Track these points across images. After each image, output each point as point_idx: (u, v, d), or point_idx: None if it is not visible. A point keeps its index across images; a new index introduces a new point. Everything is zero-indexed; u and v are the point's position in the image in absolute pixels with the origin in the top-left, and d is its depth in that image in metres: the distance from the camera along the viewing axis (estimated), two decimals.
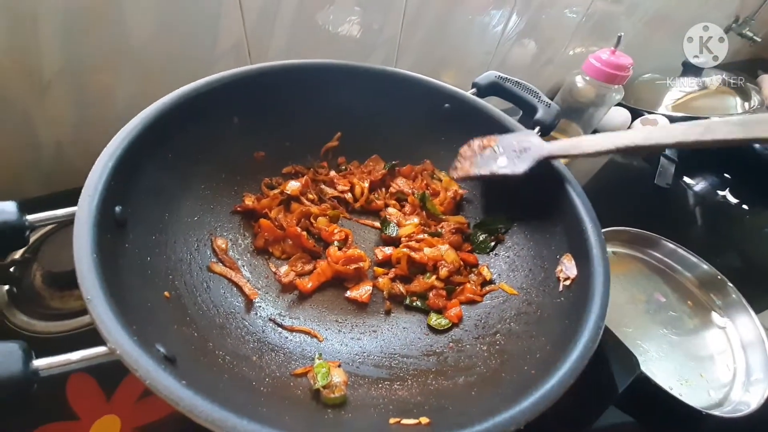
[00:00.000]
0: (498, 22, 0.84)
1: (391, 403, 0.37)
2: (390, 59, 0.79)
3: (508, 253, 0.53)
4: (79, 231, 0.30)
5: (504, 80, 0.57)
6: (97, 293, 0.27)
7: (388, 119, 0.59)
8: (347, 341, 0.45)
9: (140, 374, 0.24)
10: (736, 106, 0.96)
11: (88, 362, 0.26)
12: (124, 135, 0.38)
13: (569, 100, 0.83)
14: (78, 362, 0.26)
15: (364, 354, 0.44)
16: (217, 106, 0.49)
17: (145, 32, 0.55)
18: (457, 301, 0.49)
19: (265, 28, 0.63)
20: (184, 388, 0.24)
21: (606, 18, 0.97)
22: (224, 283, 0.46)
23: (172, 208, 0.44)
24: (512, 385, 0.35)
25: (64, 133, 0.59)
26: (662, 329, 0.61)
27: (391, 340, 0.46)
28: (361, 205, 0.58)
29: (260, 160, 0.56)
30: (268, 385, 0.36)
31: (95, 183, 0.33)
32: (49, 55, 0.51)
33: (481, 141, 0.52)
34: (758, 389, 0.53)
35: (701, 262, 0.67)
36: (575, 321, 0.36)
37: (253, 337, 0.42)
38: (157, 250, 0.40)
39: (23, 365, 0.24)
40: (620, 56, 0.74)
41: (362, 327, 0.47)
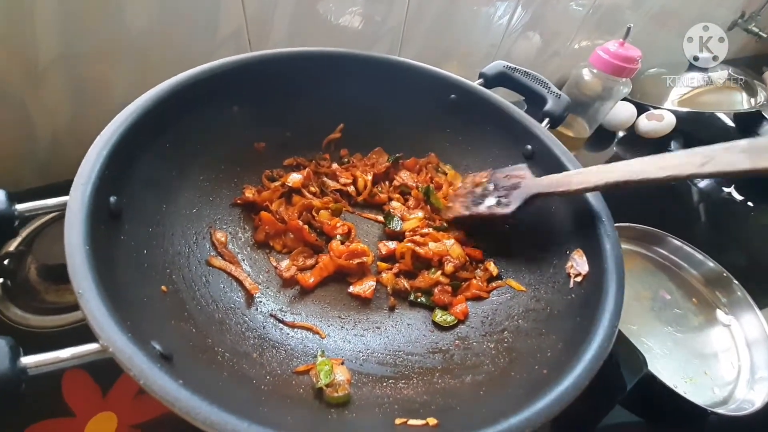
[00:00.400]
0: (504, 13, 0.82)
1: (396, 402, 0.36)
2: (393, 50, 0.77)
3: (515, 249, 0.52)
4: (71, 221, 0.29)
5: (512, 70, 0.56)
6: (89, 287, 0.26)
7: (392, 110, 0.58)
8: (350, 338, 0.44)
9: (134, 373, 0.23)
10: (742, 102, 0.95)
11: (80, 360, 0.24)
12: (120, 122, 0.37)
13: (575, 94, 0.81)
14: (69, 360, 0.24)
15: (367, 351, 0.43)
16: (217, 94, 0.47)
17: (143, 20, 0.53)
18: (462, 297, 0.48)
19: (265, 17, 0.62)
20: (181, 388, 0.23)
21: (612, 11, 0.96)
22: (223, 278, 0.44)
23: (170, 199, 0.43)
24: (523, 385, 0.34)
25: (60, 123, 0.58)
26: (667, 327, 0.60)
27: (396, 336, 0.45)
28: (364, 199, 0.57)
29: (261, 151, 0.55)
30: (269, 383, 0.35)
31: (88, 171, 0.32)
32: (45, 44, 0.50)
33: (474, 177, 0.52)
34: (763, 387, 0.53)
35: (707, 259, 0.66)
36: (588, 319, 0.35)
37: (254, 333, 0.40)
38: (154, 243, 0.39)
39: (10, 363, 0.23)
40: (629, 48, 0.73)
41: (365, 323, 0.46)
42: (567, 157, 0.48)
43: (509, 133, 0.53)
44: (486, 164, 0.57)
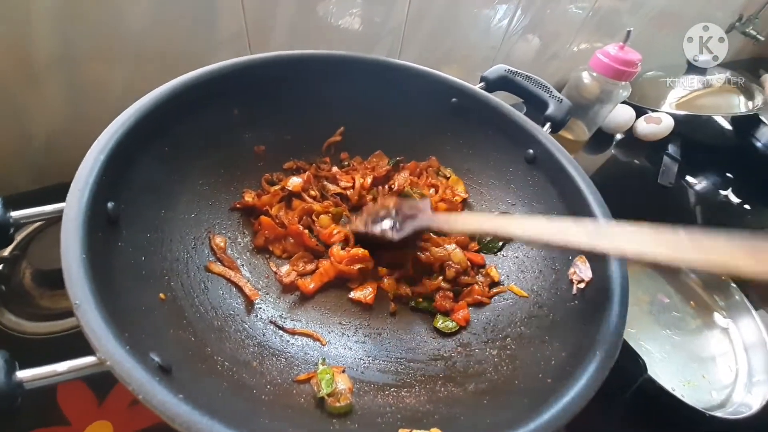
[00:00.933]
0: (503, 15, 0.82)
1: (399, 411, 0.36)
2: (393, 52, 0.77)
3: (517, 254, 0.52)
4: (68, 229, 0.28)
5: (514, 74, 0.56)
6: (86, 298, 0.25)
7: (393, 113, 0.58)
8: (351, 344, 0.44)
9: (133, 387, 0.22)
10: (740, 105, 0.96)
11: (77, 374, 0.24)
12: (118, 126, 0.36)
13: (575, 96, 0.81)
14: (65, 374, 0.24)
15: (369, 358, 0.42)
16: (217, 97, 0.47)
17: (141, 20, 0.53)
18: (464, 303, 0.48)
19: (265, 18, 0.61)
20: (181, 403, 0.23)
21: (611, 14, 0.96)
22: (222, 284, 0.43)
23: (169, 204, 0.42)
24: (527, 394, 0.34)
25: (55, 125, 0.57)
26: (665, 330, 0.61)
27: (397, 343, 0.44)
28: (357, 201, 0.56)
29: (260, 155, 0.54)
30: (269, 392, 0.34)
31: (86, 177, 0.31)
32: (42, 44, 0.49)
33: (383, 201, 0.54)
34: (760, 391, 0.54)
35: None
36: (592, 327, 0.35)
37: (253, 341, 0.40)
38: (152, 249, 0.38)
39: (6, 377, 0.22)
40: (629, 52, 0.73)
41: (366, 329, 0.45)
42: (569, 161, 0.48)
43: (511, 138, 0.53)
44: (487, 168, 0.57)
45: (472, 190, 0.58)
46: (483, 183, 0.58)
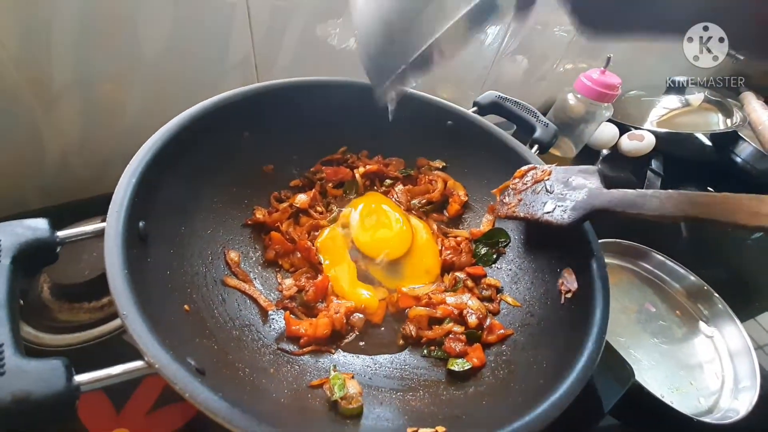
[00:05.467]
0: (493, 40, 0.86)
1: (405, 413, 0.39)
2: None
3: (510, 266, 0.55)
4: (110, 246, 0.31)
5: (504, 100, 0.60)
6: (131, 309, 0.28)
7: (393, 134, 0.60)
8: (358, 353, 0.46)
9: (179, 387, 0.25)
10: (719, 123, 1.00)
11: (129, 376, 0.26)
12: (147, 149, 0.39)
13: (562, 116, 0.86)
14: (118, 376, 0.26)
15: (375, 365, 0.45)
16: (231, 120, 0.50)
17: (156, 46, 0.55)
18: (478, 346, 0.46)
19: (272, 44, 0.64)
20: (221, 400, 0.26)
21: None
22: (237, 296, 0.46)
23: (188, 221, 0.45)
24: (522, 394, 0.37)
25: (69, 145, 0.59)
26: (653, 338, 0.63)
27: (401, 354, 0.47)
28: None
29: (269, 173, 0.57)
30: (287, 396, 0.37)
31: (121, 198, 0.34)
32: (60, 67, 0.51)
33: (535, 173, 0.47)
34: (746, 396, 0.55)
35: (689, 273, 0.69)
36: (579, 332, 0.38)
37: (269, 349, 0.43)
38: (175, 264, 0.41)
39: (67, 381, 0.25)
40: (609, 76, 0.78)
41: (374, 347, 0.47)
42: None
43: (503, 159, 0.56)
44: (481, 186, 0.60)
45: (468, 207, 0.62)
46: (477, 200, 0.62)
